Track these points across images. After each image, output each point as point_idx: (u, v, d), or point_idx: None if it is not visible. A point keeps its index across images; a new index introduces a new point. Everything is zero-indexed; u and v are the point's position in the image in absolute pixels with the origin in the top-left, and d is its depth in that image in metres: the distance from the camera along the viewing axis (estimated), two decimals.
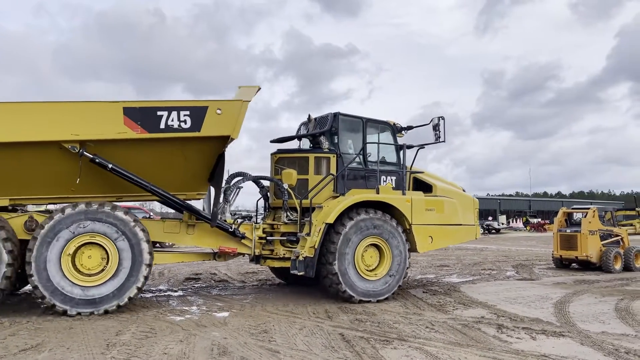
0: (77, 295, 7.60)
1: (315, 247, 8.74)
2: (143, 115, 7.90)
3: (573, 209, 16.53)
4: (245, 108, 8.37)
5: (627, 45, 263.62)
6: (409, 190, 10.36)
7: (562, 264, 15.30)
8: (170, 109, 8.03)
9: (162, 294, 10.06)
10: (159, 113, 7.97)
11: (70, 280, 7.59)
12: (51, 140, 7.64)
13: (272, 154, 10.30)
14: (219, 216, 9.00)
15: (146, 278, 8.04)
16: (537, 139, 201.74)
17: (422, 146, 10.65)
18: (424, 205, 9.93)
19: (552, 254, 15.60)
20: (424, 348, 6.01)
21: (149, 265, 8.04)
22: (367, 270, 9.23)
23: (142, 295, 9.87)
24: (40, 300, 7.55)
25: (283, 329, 6.91)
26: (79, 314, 7.57)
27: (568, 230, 14.93)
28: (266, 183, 10.23)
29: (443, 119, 10.07)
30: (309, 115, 10.58)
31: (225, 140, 8.44)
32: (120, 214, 7.90)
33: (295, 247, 9.22)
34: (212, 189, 9.08)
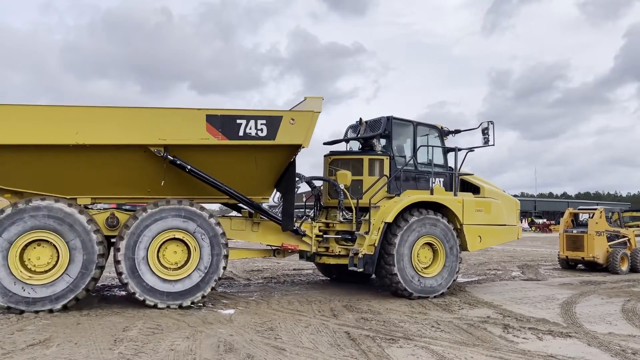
0: (165, 289, 8.01)
1: (375, 245, 9.15)
2: (224, 123, 8.31)
3: (580, 209, 16.46)
4: (316, 119, 8.85)
5: (635, 46, 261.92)
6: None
7: (568, 265, 15.24)
8: (248, 118, 8.44)
9: None
10: (238, 121, 8.38)
11: (157, 275, 8.01)
12: (139, 143, 8.02)
13: (325, 156, 10.80)
14: (287, 218, 9.41)
15: (224, 269, 8.47)
16: (543, 139, 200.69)
17: (471, 149, 10.96)
18: (474, 206, 10.37)
19: (558, 255, 15.55)
20: (430, 347, 6.01)
21: (226, 256, 8.46)
22: (423, 267, 9.61)
23: None
24: (132, 295, 7.94)
25: (289, 327, 6.92)
26: (168, 307, 7.95)
27: (574, 231, 14.86)
28: (318, 183, 10.61)
29: (492, 123, 10.34)
30: (360, 119, 10.98)
31: (296, 148, 8.87)
32: (196, 208, 8.29)
33: (350, 245, 9.75)
34: (278, 194, 9.67)
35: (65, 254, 7.62)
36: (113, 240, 8.27)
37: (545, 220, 60.56)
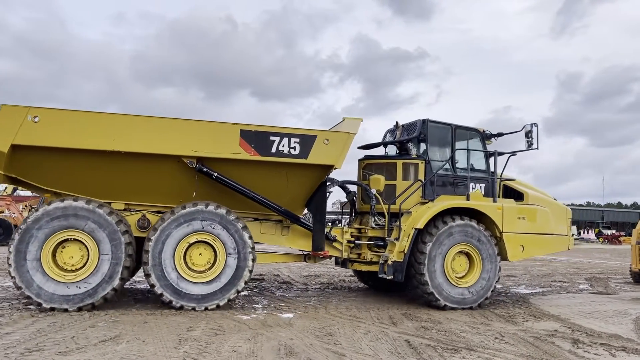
0: (190, 291, 8.13)
1: (405, 251, 8.92)
2: (257, 139, 8.42)
3: None
4: (351, 140, 8.85)
5: None
6: (499, 197, 10.28)
7: None
8: (282, 135, 8.53)
9: None
10: (271, 138, 8.48)
11: (184, 277, 8.13)
12: (173, 154, 8.23)
13: (359, 160, 10.57)
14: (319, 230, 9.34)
15: (251, 272, 8.48)
16: (614, 146, 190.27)
17: (513, 153, 10.48)
18: (516, 213, 9.79)
19: (630, 268, 14.69)
20: (494, 359, 5.82)
21: (254, 260, 8.51)
22: (457, 277, 9.24)
23: None
24: (161, 297, 8.08)
25: (347, 333, 6.90)
26: (193, 309, 8.10)
27: None
28: (353, 188, 10.46)
29: (536, 125, 9.89)
30: (397, 122, 10.69)
31: (328, 169, 8.90)
32: (223, 212, 8.32)
33: (383, 252, 9.48)
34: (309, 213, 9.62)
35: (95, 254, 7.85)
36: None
37: (614, 231, 57.43)
